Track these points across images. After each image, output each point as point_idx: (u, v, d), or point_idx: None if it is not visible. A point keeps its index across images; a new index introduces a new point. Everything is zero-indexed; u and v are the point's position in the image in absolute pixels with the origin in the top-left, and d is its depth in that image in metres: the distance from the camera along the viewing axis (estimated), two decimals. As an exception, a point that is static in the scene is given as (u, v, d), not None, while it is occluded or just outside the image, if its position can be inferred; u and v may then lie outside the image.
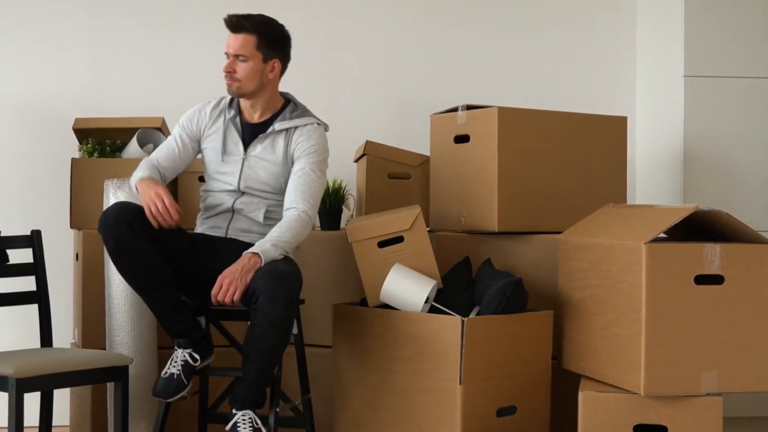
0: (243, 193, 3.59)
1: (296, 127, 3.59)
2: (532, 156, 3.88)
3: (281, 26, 3.63)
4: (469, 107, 3.93)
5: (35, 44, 4.73)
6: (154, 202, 3.36)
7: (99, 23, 4.77)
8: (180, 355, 3.44)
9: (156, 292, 3.42)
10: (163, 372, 3.43)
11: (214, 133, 3.64)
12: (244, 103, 3.64)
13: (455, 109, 3.98)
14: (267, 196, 3.60)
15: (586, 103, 4.82)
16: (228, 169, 3.61)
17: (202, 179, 3.85)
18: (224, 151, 3.61)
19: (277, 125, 3.58)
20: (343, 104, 4.88)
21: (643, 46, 4.93)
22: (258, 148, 3.59)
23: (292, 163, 3.58)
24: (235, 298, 3.28)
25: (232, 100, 3.65)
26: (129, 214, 3.36)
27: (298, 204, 3.49)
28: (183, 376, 3.41)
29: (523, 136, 3.86)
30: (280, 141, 3.59)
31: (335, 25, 4.90)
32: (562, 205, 3.94)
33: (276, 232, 3.42)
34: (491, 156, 3.81)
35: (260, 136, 3.59)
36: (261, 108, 3.62)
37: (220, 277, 3.30)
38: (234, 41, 3.53)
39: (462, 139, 3.94)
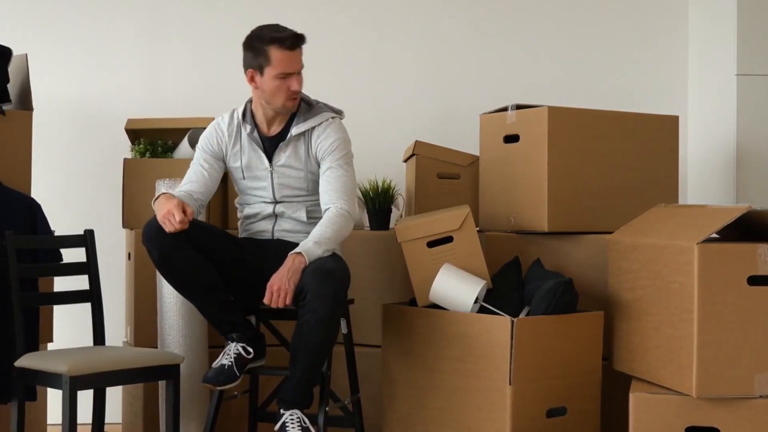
0: (279, 201, 3.61)
1: (313, 128, 3.58)
2: (582, 156, 3.86)
3: None
4: (519, 107, 3.92)
5: (89, 47, 4.79)
6: (167, 219, 3.33)
7: (151, 26, 4.82)
8: (233, 347, 3.46)
9: (205, 297, 3.45)
10: (215, 362, 3.45)
11: (237, 152, 3.62)
12: (262, 116, 3.60)
13: (505, 109, 3.96)
14: (304, 199, 3.61)
15: (638, 103, 4.79)
16: (259, 184, 3.62)
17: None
18: (251, 168, 3.61)
19: (294, 130, 3.56)
20: (392, 104, 4.88)
21: (695, 44, 4.89)
22: (282, 158, 3.58)
23: (318, 163, 3.58)
24: (287, 301, 3.30)
25: (244, 114, 3.61)
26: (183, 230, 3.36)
27: (334, 202, 3.49)
28: (235, 368, 3.42)
29: (574, 135, 3.84)
30: (301, 144, 3.58)
31: (385, 27, 4.90)
32: (612, 205, 3.91)
33: (318, 231, 3.42)
34: (541, 156, 3.80)
35: (281, 145, 3.57)
36: (281, 118, 3.60)
37: (269, 285, 3.32)
38: (298, 56, 3.50)
39: (511, 138, 3.93)
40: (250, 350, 3.47)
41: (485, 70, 4.93)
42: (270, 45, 3.47)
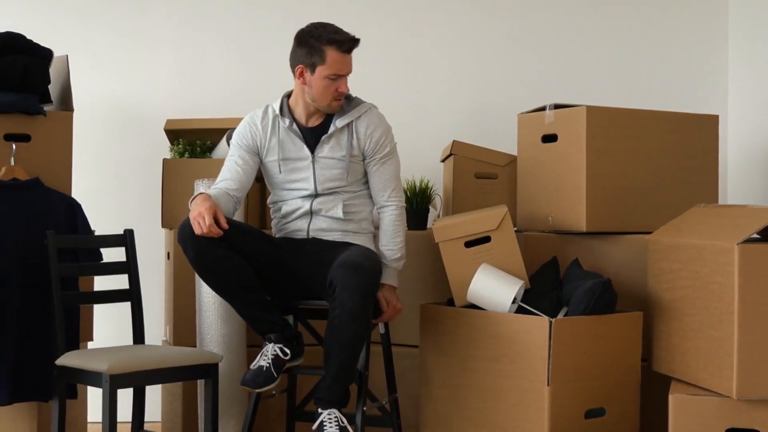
0: (319, 194, 3.62)
1: (357, 118, 3.60)
2: (621, 155, 3.84)
3: None
4: (557, 106, 3.90)
5: (128, 48, 4.83)
6: (197, 221, 3.36)
7: (189, 27, 4.85)
8: (271, 348, 3.46)
9: (241, 297, 3.46)
10: (253, 364, 3.45)
11: (274, 146, 3.64)
12: (302, 110, 3.62)
13: (543, 109, 3.95)
14: (342, 191, 3.62)
15: (677, 102, 4.75)
16: (299, 176, 3.62)
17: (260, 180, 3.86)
18: (289, 161, 3.62)
19: (339, 122, 3.58)
20: (430, 104, 4.88)
21: (735, 42, 4.84)
22: (325, 149, 3.60)
23: (362, 155, 3.61)
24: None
25: (281, 109, 3.63)
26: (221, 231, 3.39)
27: (392, 197, 3.64)
28: (273, 369, 3.43)
29: (612, 135, 3.82)
30: (344, 135, 3.60)
31: (422, 27, 4.91)
32: (651, 205, 3.89)
33: (390, 242, 3.62)
34: (579, 155, 3.78)
35: (324, 137, 3.59)
36: (321, 112, 3.63)
37: (388, 317, 3.60)
38: (349, 61, 3.54)
39: (550, 138, 3.92)
40: (287, 351, 3.48)
41: (523, 69, 4.92)
42: (328, 45, 3.50)
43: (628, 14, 4.95)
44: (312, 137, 3.61)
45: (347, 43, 3.50)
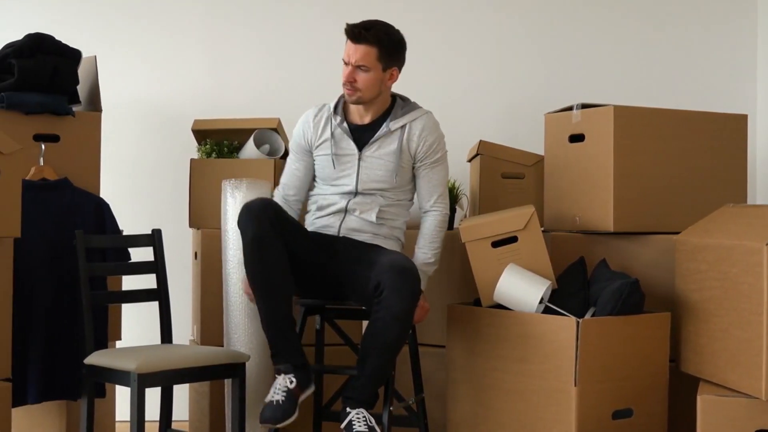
0: (358, 193, 3.62)
1: (411, 121, 3.61)
2: (648, 155, 3.82)
3: (399, 34, 3.63)
4: (584, 106, 3.89)
5: (156, 48, 4.85)
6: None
7: (216, 27, 4.87)
8: (282, 381, 3.43)
9: (274, 300, 3.44)
10: (267, 399, 3.42)
11: (324, 142, 3.66)
12: (355, 107, 3.65)
13: (570, 108, 3.94)
14: (382, 194, 3.62)
15: (705, 101, 4.73)
16: (344, 173, 3.64)
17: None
18: (338, 157, 3.63)
19: (392, 125, 3.60)
20: (456, 104, 4.88)
21: (764, 40, 4.81)
22: (373, 148, 3.61)
23: (413, 158, 3.61)
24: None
25: (336, 107, 3.66)
26: (272, 212, 3.43)
27: (438, 206, 3.68)
28: (289, 402, 3.39)
29: (640, 135, 3.80)
30: (395, 137, 3.61)
31: (449, 26, 4.90)
32: (679, 205, 3.87)
33: (428, 248, 3.64)
34: (607, 155, 3.77)
35: (375, 136, 3.61)
36: (373, 111, 3.65)
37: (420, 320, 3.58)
38: (355, 52, 3.54)
39: (577, 138, 3.90)
40: (295, 380, 3.42)
41: (550, 68, 4.90)
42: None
43: (655, 13, 4.93)
44: (361, 135, 3.63)
45: (351, 30, 3.53)
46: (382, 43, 3.54)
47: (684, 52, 4.91)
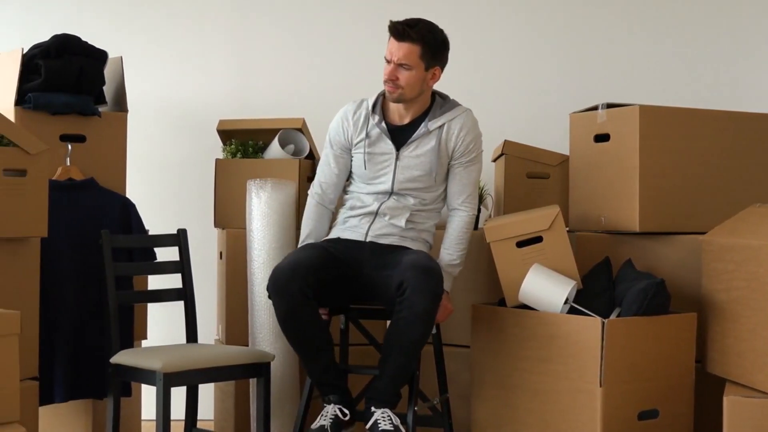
0: (393, 194, 3.61)
1: (451, 120, 3.60)
2: (674, 155, 3.80)
3: (443, 33, 3.61)
4: (610, 106, 3.88)
5: (181, 49, 4.87)
6: None
7: (242, 27, 4.88)
8: (331, 409, 3.45)
9: (315, 356, 3.46)
10: (314, 424, 3.44)
11: (361, 141, 3.65)
12: (395, 107, 3.63)
13: (595, 108, 3.93)
14: (416, 195, 3.61)
15: (732, 100, 4.70)
16: (380, 172, 3.63)
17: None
18: (373, 156, 3.62)
19: (431, 124, 3.58)
20: (481, 104, 4.84)
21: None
22: (411, 147, 3.59)
23: (449, 156, 3.60)
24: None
25: (375, 104, 3.65)
26: (302, 273, 3.36)
27: (466, 206, 3.64)
28: (334, 429, 3.41)
29: (666, 134, 3.79)
30: (433, 137, 3.59)
31: (473, 25, 4.89)
32: (705, 205, 3.85)
33: (453, 249, 3.63)
34: (632, 155, 3.75)
35: (413, 136, 3.59)
36: (413, 110, 3.62)
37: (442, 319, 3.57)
38: (398, 50, 3.51)
39: (602, 138, 3.89)
40: (347, 412, 3.45)
41: (574, 68, 4.89)
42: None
43: (681, 11, 4.90)
44: (400, 135, 3.61)
45: (394, 27, 3.52)
46: (425, 41, 3.52)
47: (710, 50, 4.88)
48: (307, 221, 3.70)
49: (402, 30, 3.50)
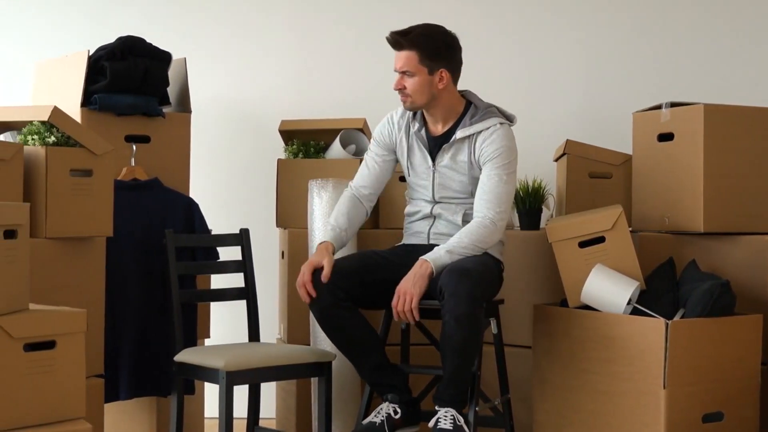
0: (437, 202, 3.61)
1: (479, 132, 3.56)
2: (739, 154, 3.75)
3: (443, 34, 3.56)
4: (674, 104, 3.84)
5: (244, 50, 4.91)
6: (300, 289, 3.45)
7: (303, 28, 4.91)
8: (385, 407, 3.47)
9: (362, 357, 3.49)
10: (366, 420, 3.47)
11: (404, 146, 3.66)
12: (426, 115, 3.63)
13: (659, 107, 3.89)
14: (463, 201, 3.60)
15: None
16: (421, 182, 3.63)
17: (402, 179, 3.89)
18: (414, 164, 3.63)
19: (459, 133, 3.55)
20: (542, 103, 4.85)
21: None
22: (445, 159, 3.58)
23: (480, 168, 3.56)
24: (413, 305, 3.34)
25: (416, 112, 3.65)
26: (332, 278, 3.41)
27: (481, 210, 3.50)
28: (386, 426, 3.43)
29: (731, 133, 3.74)
30: (464, 148, 3.57)
31: (534, 25, 4.88)
32: (771, 205, 3.80)
33: (454, 239, 3.46)
34: (697, 154, 3.71)
35: (444, 146, 3.58)
36: (441, 118, 3.61)
37: (396, 290, 3.37)
38: (398, 59, 3.55)
39: (666, 137, 3.85)
40: (399, 411, 3.46)
41: (638, 66, 4.84)
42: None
43: (745, 9, 4.83)
44: (435, 146, 3.61)
45: (390, 38, 3.54)
46: (420, 46, 3.50)
47: (776, 48, 4.82)
48: (335, 211, 3.68)
49: (396, 39, 3.53)
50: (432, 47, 3.53)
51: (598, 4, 4.88)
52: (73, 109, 3.77)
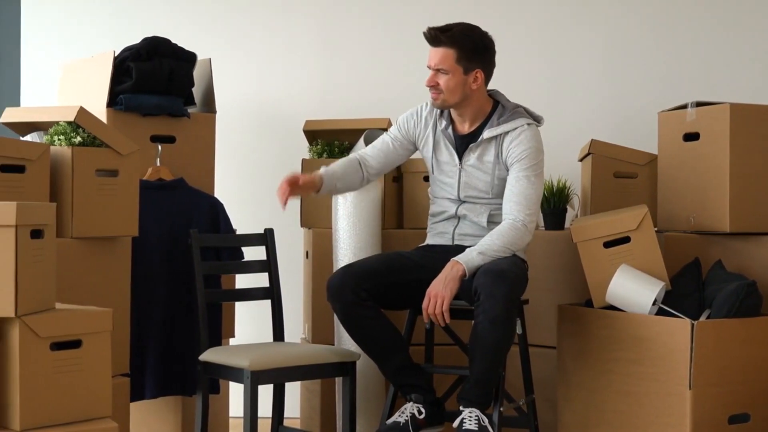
0: (463, 201, 3.61)
1: (506, 132, 3.54)
2: (766, 154, 3.73)
3: (482, 35, 3.55)
4: (699, 104, 3.82)
5: (268, 50, 4.92)
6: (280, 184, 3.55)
7: (327, 27, 4.91)
8: (410, 407, 3.46)
9: (385, 357, 3.49)
10: (390, 419, 3.46)
11: (427, 141, 3.65)
12: (454, 114, 3.62)
13: (684, 106, 3.87)
14: (488, 202, 3.59)
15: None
16: (447, 180, 3.62)
17: (426, 179, 3.89)
18: (440, 162, 3.63)
19: (486, 133, 3.54)
20: (567, 103, 4.83)
21: None
22: (471, 158, 3.58)
23: (506, 169, 3.55)
24: (444, 308, 3.34)
25: (443, 111, 3.63)
26: (351, 279, 3.43)
27: (512, 213, 3.48)
28: (410, 426, 3.42)
29: (757, 133, 3.72)
30: (491, 148, 3.56)
31: (560, 25, 4.86)
32: (799, 205, 3.77)
33: (486, 240, 3.44)
34: (723, 154, 3.69)
35: (471, 146, 3.57)
36: (469, 118, 3.60)
37: (427, 291, 3.37)
38: (434, 55, 3.52)
39: (691, 137, 3.83)
40: (423, 411, 3.44)
41: (663, 66, 4.82)
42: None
43: (772, 8, 4.81)
44: (462, 145, 3.60)
45: (428, 33, 3.52)
46: (459, 44, 3.48)
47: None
48: (333, 163, 3.70)
49: (435, 35, 3.50)
50: (470, 47, 3.51)
51: (623, 2, 4.86)
52: (99, 110, 3.79)
